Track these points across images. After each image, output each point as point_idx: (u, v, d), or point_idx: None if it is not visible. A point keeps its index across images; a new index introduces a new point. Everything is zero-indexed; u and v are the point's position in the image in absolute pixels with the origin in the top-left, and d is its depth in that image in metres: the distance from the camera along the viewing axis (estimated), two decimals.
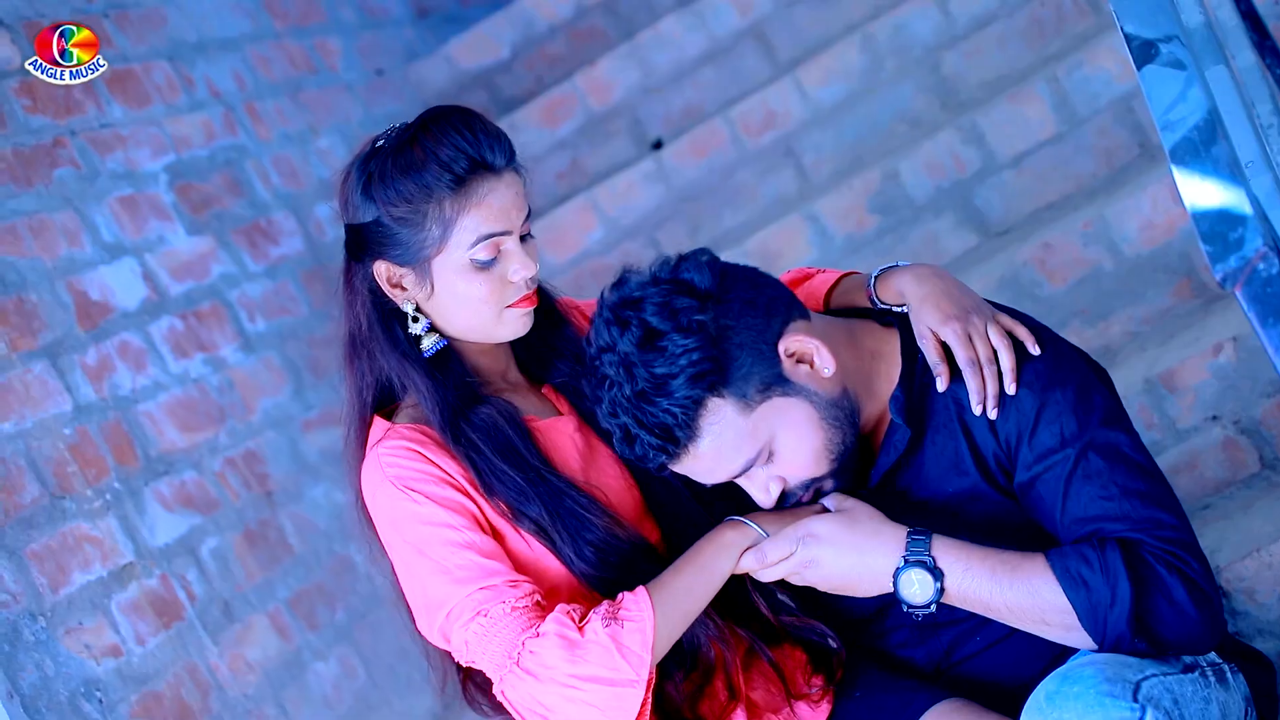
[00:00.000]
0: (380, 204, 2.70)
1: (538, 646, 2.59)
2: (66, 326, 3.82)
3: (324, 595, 4.35)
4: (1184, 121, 2.47)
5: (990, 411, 2.65)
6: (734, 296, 2.63)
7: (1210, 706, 2.57)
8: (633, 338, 2.58)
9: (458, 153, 2.67)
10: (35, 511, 3.51)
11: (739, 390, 2.59)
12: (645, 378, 2.56)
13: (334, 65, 5.61)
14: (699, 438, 2.59)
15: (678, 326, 2.56)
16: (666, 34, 5.55)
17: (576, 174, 5.57)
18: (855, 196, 4.69)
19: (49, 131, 4.04)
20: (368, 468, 2.76)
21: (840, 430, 2.67)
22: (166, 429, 4.02)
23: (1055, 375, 2.65)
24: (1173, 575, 2.53)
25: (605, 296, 2.66)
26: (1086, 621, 2.54)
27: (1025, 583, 2.57)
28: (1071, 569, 2.54)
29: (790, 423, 2.63)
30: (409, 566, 2.71)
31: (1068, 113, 4.47)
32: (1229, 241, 2.41)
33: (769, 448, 2.64)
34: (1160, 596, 2.52)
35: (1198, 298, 3.97)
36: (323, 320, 4.80)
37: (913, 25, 5.02)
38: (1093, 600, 2.53)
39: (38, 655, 3.37)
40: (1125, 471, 2.60)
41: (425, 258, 2.72)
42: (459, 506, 2.69)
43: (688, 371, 2.55)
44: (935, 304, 2.73)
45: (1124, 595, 2.51)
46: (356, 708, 4.29)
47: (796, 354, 2.64)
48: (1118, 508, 2.58)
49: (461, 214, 2.69)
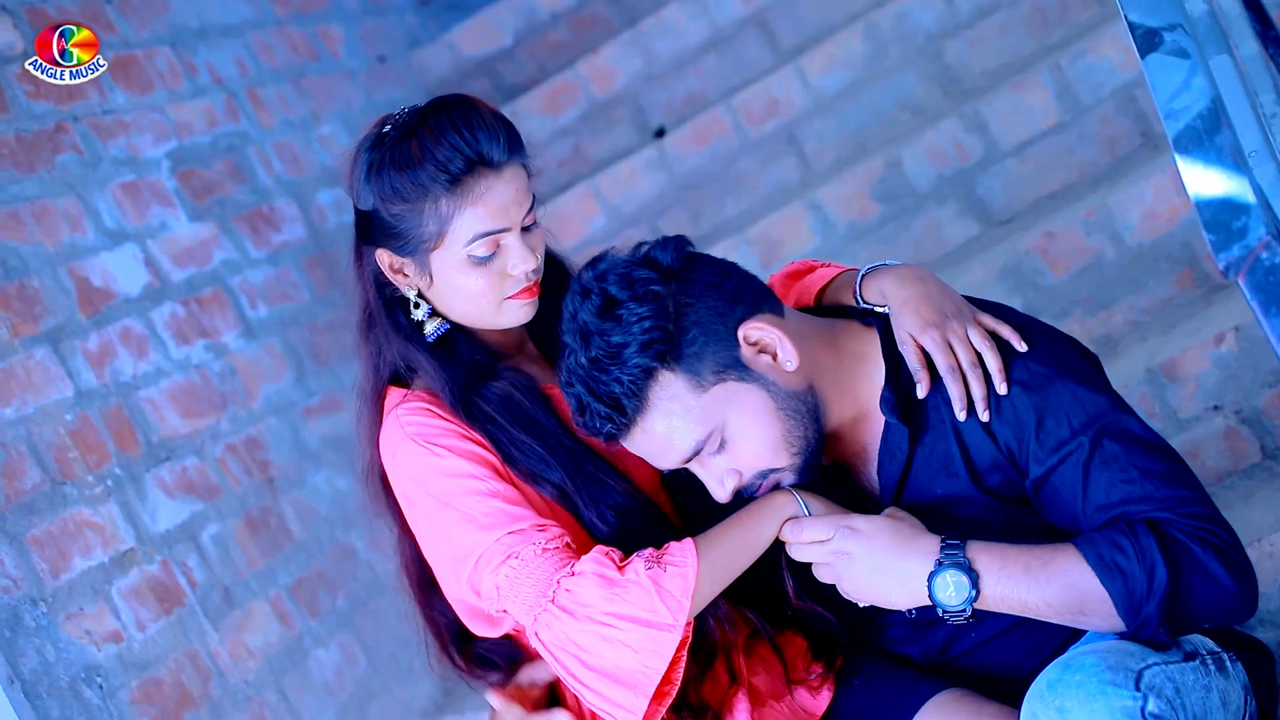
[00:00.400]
0: (378, 198, 2.70)
1: (574, 585, 2.59)
2: (68, 312, 3.82)
3: (325, 582, 4.35)
4: (1187, 110, 2.47)
5: (982, 414, 2.64)
6: (698, 277, 2.64)
7: (1211, 695, 2.57)
8: (592, 306, 2.60)
9: (454, 152, 2.66)
10: (36, 497, 3.51)
11: (691, 367, 2.60)
12: (600, 346, 2.59)
13: (336, 52, 5.61)
14: (648, 410, 2.60)
15: (634, 296, 2.58)
16: (669, 22, 5.55)
17: (579, 161, 5.57)
18: (858, 185, 4.69)
19: (51, 117, 4.04)
20: (387, 429, 2.76)
21: (800, 423, 2.66)
22: (168, 415, 4.02)
23: (1052, 369, 2.64)
24: (1206, 550, 2.51)
25: (579, 271, 2.68)
26: (1124, 610, 2.51)
27: (1061, 576, 2.54)
28: (1106, 556, 2.52)
29: (744, 408, 2.64)
30: (433, 521, 2.71)
31: (1070, 101, 4.46)
32: (1232, 230, 2.41)
33: (721, 433, 2.64)
34: (1196, 574, 2.50)
35: (1200, 287, 3.97)
36: (325, 307, 4.80)
37: (915, 13, 5.02)
38: (1129, 586, 2.50)
39: (38, 641, 3.37)
40: (1141, 453, 2.59)
41: (423, 251, 2.72)
42: (480, 458, 2.70)
43: (639, 339, 2.57)
44: (915, 309, 2.72)
45: (1160, 578, 2.49)
46: (357, 694, 4.29)
47: (758, 343, 2.64)
48: (1140, 489, 2.56)
49: (457, 213, 2.68)
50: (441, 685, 4.53)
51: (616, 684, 2.59)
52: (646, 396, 2.60)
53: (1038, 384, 2.63)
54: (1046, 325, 2.75)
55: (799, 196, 4.78)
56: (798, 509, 2.68)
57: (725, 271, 2.68)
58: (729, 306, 2.64)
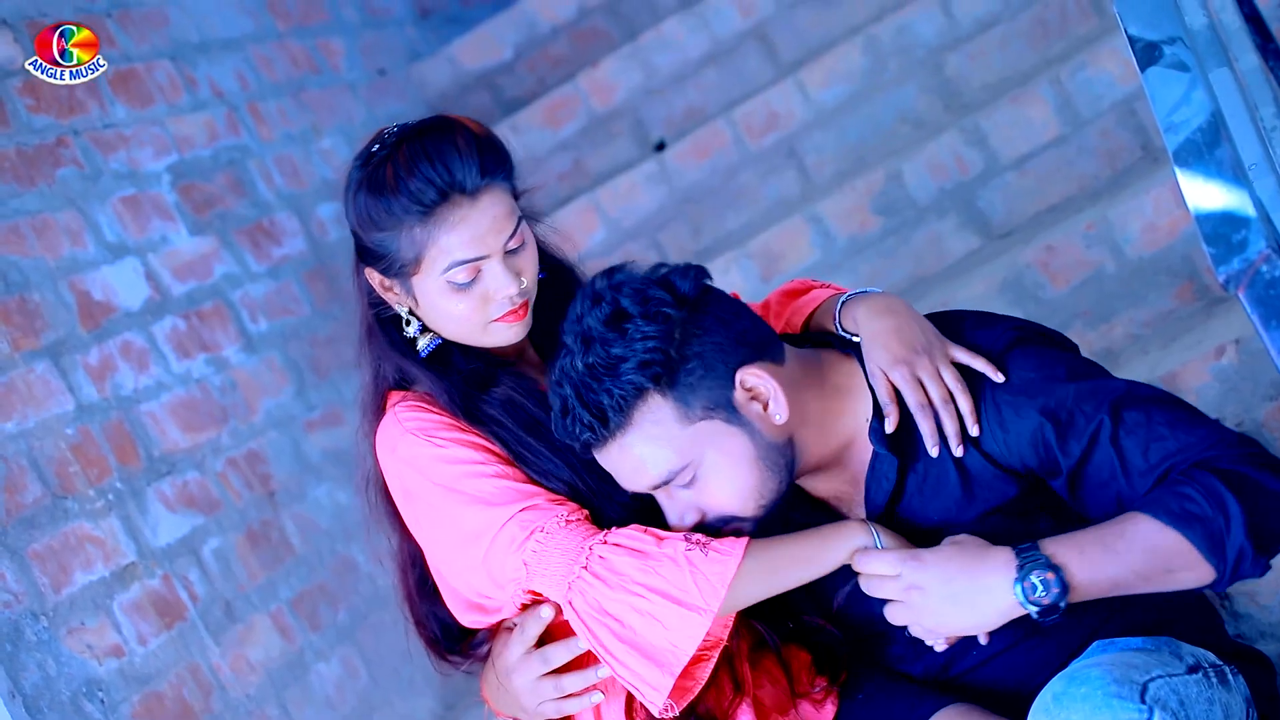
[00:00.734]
0: (362, 220, 2.70)
1: (608, 552, 2.59)
2: (69, 326, 3.82)
3: (326, 595, 4.35)
4: (1187, 123, 2.47)
5: (955, 450, 2.65)
6: (710, 311, 2.64)
7: (1214, 708, 2.57)
8: (601, 314, 2.59)
9: (426, 184, 2.64)
10: (37, 511, 3.51)
11: (683, 397, 2.59)
12: (599, 354, 2.58)
13: (336, 65, 5.61)
14: (630, 429, 2.59)
15: (645, 313, 2.58)
16: (669, 35, 5.55)
17: (579, 175, 5.57)
18: (858, 198, 4.69)
19: (52, 131, 4.04)
20: (385, 428, 2.76)
21: (775, 476, 2.66)
22: (169, 429, 4.02)
23: (1045, 372, 2.65)
24: (1259, 470, 2.51)
25: (594, 278, 2.67)
26: (1211, 554, 2.48)
27: (1141, 541, 2.50)
28: (1176, 508, 2.49)
29: (725, 450, 2.63)
30: (438, 510, 2.70)
31: (1071, 114, 4.47)
32: (1232, 244, 2.41)
33: (695, 469, 2.62)
34: (1261, 494, 2.49)
35: (1200, 300, 3.97)
36: (325, 320, 4.80)
37: (916, 26, 5.02)
38: (1209, 529, 2.47)
39: (40, 655, 3.37)
40: (1159, 410, 2.59)
41: (404, 275, 2.72)
42: (481, 447, 2.70)
43: (640, 357, 2.56)
44: (884, 344, 2.71)
45: (1235, 512, 2.47)
46: (359, 708, 4.29)
47: (753, 390, 2.63)
48: (1175, 442, 2.56)
49: (432, 242, 2.67)
50: (442, 699, 4.53)
51: (645, 659, 2.58)
52: (632, 415, 2.59)
53: (1036, 390, 2.63)
54: (1023, 329, 2.75)
55: (799, 210, 4.79)
56: (870, 540, 2.64)
57: (737, 313, 2.67)
58: (734, 347, 2.63)
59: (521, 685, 2.74)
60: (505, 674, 2.75)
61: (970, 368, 2.68)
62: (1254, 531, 2.47)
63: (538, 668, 2.72)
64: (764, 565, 2.62)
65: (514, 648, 2.74)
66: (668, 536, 2.61)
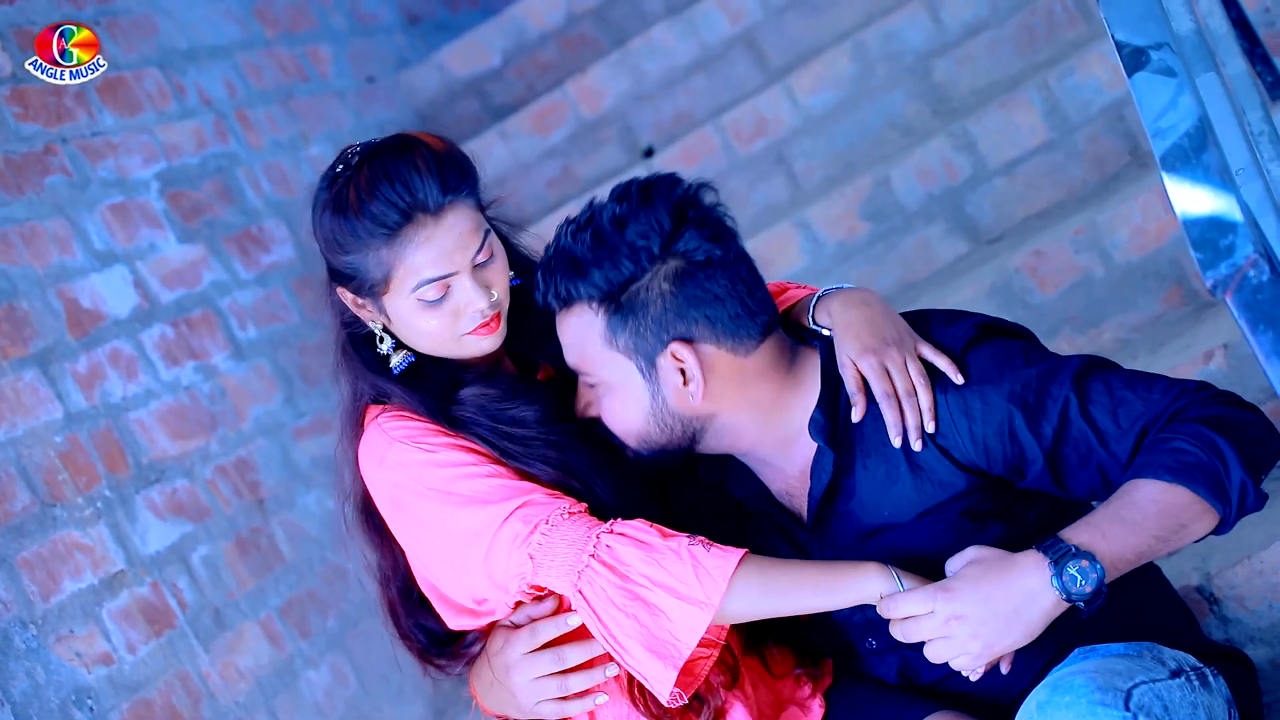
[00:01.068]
0: (328, 243, 2.71)
1: (614, 542, 2.60)
2: (57, 334, 3.82)
3: (316, 603, 4.35)
4: (1175, 129, 2.47)
5: (914, 443, 2.66)
6: (694, 280, 2.67)
7: (1198, 711, 2.57)
8: (609, 212, 2.67)
9: (388, 206, 2.63)
10: (26, 519, 3.51)
11: (614, 326, 2.67)
12: (580, 245, 2.67)
13: (325, 73, 5.61)
14: (568, 315, 2.70)
15: (633, 246, 2.65)
16: (658, 42, 5.55)
17: (568, 181, 5.57)
18: (846, 204, 4.69)
19: (40, 139, 4.04)
20: (369, 440, 2.75)
21: (665, 435, 2.73)
22: (157, 437, 4.01)
23: (1006, 360, 2.67)
24: (1230, 407, 2.55)
25: (653, 176, 2.73)
26: (1215, 499, 2.50)
27: (1151, 506, 2.51)
28: (1173, 463, 2.50)
29: (624, 389, 2.71)
30: (433, 517, 2.69)
31: (1059, 120, 4.47)
32: (1220, 248, 2.41)
33: (599, 383, 2.72)
34: (1244, 429, 2.53)
35: (1188, 305, 3.98)
36: (314, 328, 4.79)
37: (904, 33, 5.03)
38: (1210, 474, 2.49)
39: (29, 663, 3.36)
40: (1114, 376, 2.63)
41: (375, 294, 2.72)
42: (469, 448, 2.70)
43: (602, 274, 2.65)
44: (856, 334, 2.73)
45: (1228, 450, 2.49)
46: (348, 716, 4.28)
47: (681, 365, 2.68)
48: (1141, 403, 2.59)
49: (398, 263, 2.67)
50: (431, 705, 4.52)
51: (648, 651, 2.59)
52: (572, 307, 2.69)
53: (1001, 379, 2.65)
54: (983, 325, 2.76)
55: (788, 216, 4.79)
56: (891, 584, 2.59)
57: (722, 296, 2.68)
58: (689, 319, 2.68)
59: (521, 683, 2.73)
60: (504, 671, 2.75)
61: (934, 365, 2.70)
62: (1248, 463, 2.50)
63: (547, 666, 2.72)
64: (767, 577, 2.61)
65: (518, 645, 2.74)
66: (672, 533, 2.62)
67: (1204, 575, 3.19)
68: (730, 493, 2.86)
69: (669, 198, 2.68)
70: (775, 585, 2.62)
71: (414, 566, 2.81)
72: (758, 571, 2.60)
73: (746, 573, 2.59)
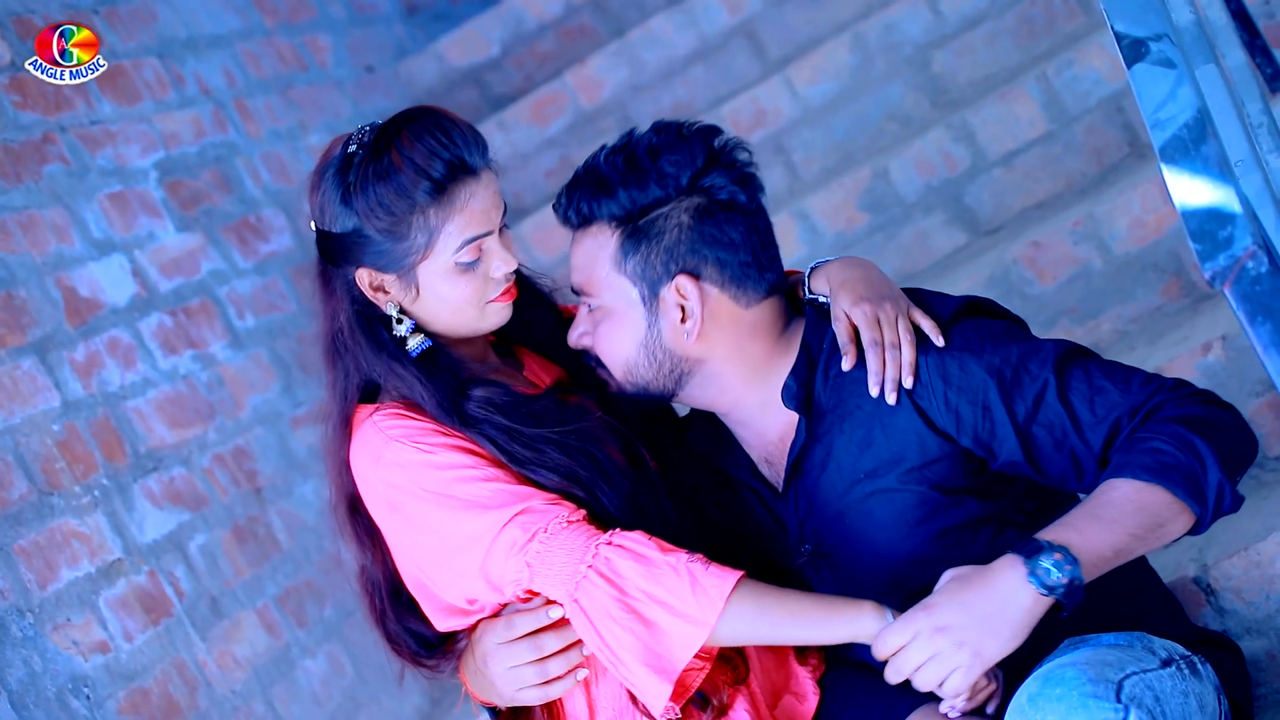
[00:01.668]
0: (363, 216, 2.69)
1: (613, 554, 2.60)
2: (55, 322, 3.81)
3: (313, 592, 4.35)
4: (1174, 120, 2.47)
5: (889, 397, 2.69)
6: (714, 222, 2.74)
7: (1189, 700, 2.57)
8: (646, 141, 2.75)
9: (436, 159, 2.66)
10: (23, 508, 3.51)
11: (626, 249, 2.75)
12: (612, 168, 2.75)
13: (324, 62, 5.61)
14: (584, 233, 2.79)
15: (663, 174, 2.72)
16: (656, 32, 5.55)
17: (566, 172, 5.52)
18: (845, 194, 4.69)
19: (39, 127, 4.04)
20: (365, 438, 2.74)
21: (653, 371, 2.78)
22: (155, 425, 4.01)
23: (989, 333, 2.71)
24: (1207, 406, 2.57)
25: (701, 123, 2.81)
26: (1193, 499, 2.51)
27: (1128, 504, 2.52)
28: (1150, 463, 2.52)
29: (623, 315, 2.77)
30: (430, 520, 2.68)
31: (1057, 111, 4.47)
32: (1218, 240, 2.41)
33: (600, 307, 2.78)
34: (1220, 430, 2.54)
35: (1187, 296, 3.97)
36: (312, 317, 4.77)
37: (903, 24, 5.02)
38: (1187, 475, 2.50)
39: (25, 652, 3.36)
40: (1095, 366, 2.66)
41: (410, 265, 2.72)
42: (469, 450, 2.69)
43: (626, 196, 2.73)
44: (851, 287, 2.79)
45: (1205, 450, 2.51)
46: (345, 705, 4.28)
47: (681, 299, 2.75)
48: (1118, 394, 2.61)
49: (446, 221, 2.69)
50: (429, 695, 4.52)
51: (643, 665, 2.59)
52: (589, 226, 2.77)
53: (982, 349, 2.68)
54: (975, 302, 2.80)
55: (786, 206, 4.79)
56: (881, 624, 2.58)
57: (737, 244, 2.76)
58: (700, 258, 2.74)
59: (499, 671, 2.73)
60: (483, 660, 2.75)
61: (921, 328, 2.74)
62: (1225, 465, 2.52)
63: (524, 655, 2.72)
64: (762, 605, 2.61)
65: (494, 635, 2.73)
66: (671, 548, 2.62)
67: (1201, 566, 3.19)
68: (719, 465, 2.89)
69: (706, 139, 2.76)
70: (769, 614, 2.63)
71: (403, 567, 2.80)
72: (753, 598, 2.61)
73: (742, 597, 2.59)
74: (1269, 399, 3.51)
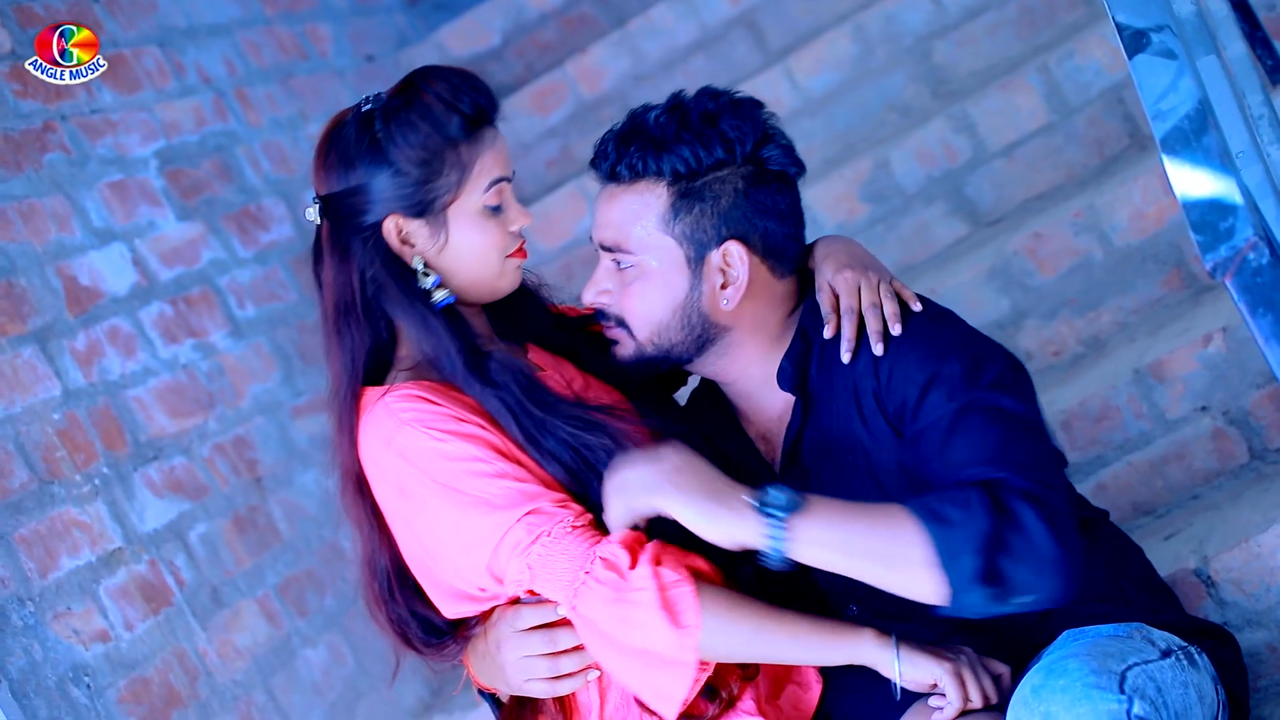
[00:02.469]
0: (395, 156, 2.70)
1: (609, 554, 2.59)
2: (56, 311, 3.81)
3: (313, 582, 4.35)
4: (1175, 111, 2.47)
5: (875, 348, 2.71)
6: (765, 191, 2.77)
7: (1188, 690, 2.58)
8: (704, 104, 2.80)
9: (464, 96, 2.72)
10: (24, 496, 3.51)
11: (678, 208, 2.74)
12: (669, 125, 2.76)
13: (325, 51, 5.61)
14: (629, 188, 2.77)
15: (725, 138, 2.75)
16: (657, 22, 5.55)
17: (567, 161, 5.57)
18: (846, 185, 4.69)
19: (39, 116, 4.03)
20: (378, 419, 2.72)
21: (682, 335, 2.79)
22: (156, 414, 4.01)
23: (948, 346, 2.68)
24: (1033, 511, 2.46)
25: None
26: (943, 557, 2.46)
27: (885, 521, 2.51)
28: (932, 505, 2.49)
29: (661, 275, 2.77)
30: (440, 512, 2.67)
31: (1059, 102, 4.47)
32: (1219, 231, 2.42)
33: (634, 265, 2.77)
34: (1015, 532, 2.45)
35: (1188, 288, 3.98)
36: (313, 306, 4.76)
37: (904, 14, 5.02)
38: (949, 535, 2.46)
39: (26, 640, 3.36)
40: (1005, 426, 2.58)
41: (441, 205, 2.73)
42: (481, 440, 2.68)
43: (682, 153, 2.74)
44: (836, 258, 2.84)
45: (980, 525, 2.45)
46: (346, 694, 4.29)
47: (725, 264, 2.76)
48: (985, 452, 2.55)
49: (476, 158, 2.73)
50: (430, 685, 4.52)
51: (653, 666, 2.59)
52: (638, 182, 2.77)
53: (936, 358, 2.66)
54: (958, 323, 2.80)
55: None
56: (889, 654, 2.61)
57: (783, 215, 2.80)
58: (748, 226, 2.76)
59: (511, 659, 2.73)
60: (495, 646, 2.75)
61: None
62: (989, 559, 2.45)
63: (538, 646, 2.71)
64: (761, 622, 2.62)
65: (508, 622, 2.73)
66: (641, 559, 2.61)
67: (1201, 558, 3.19)
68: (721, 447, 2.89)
69: (757, 111, 2.82)
70: (767, 636, 2.63)
71: (409, 552, 2.78)
72: (751, 619, 2.62)
73: (739, 617, 2.60)
74: (1270, 390, 3.52)
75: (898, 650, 2.60)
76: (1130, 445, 3.66)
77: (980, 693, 2.58)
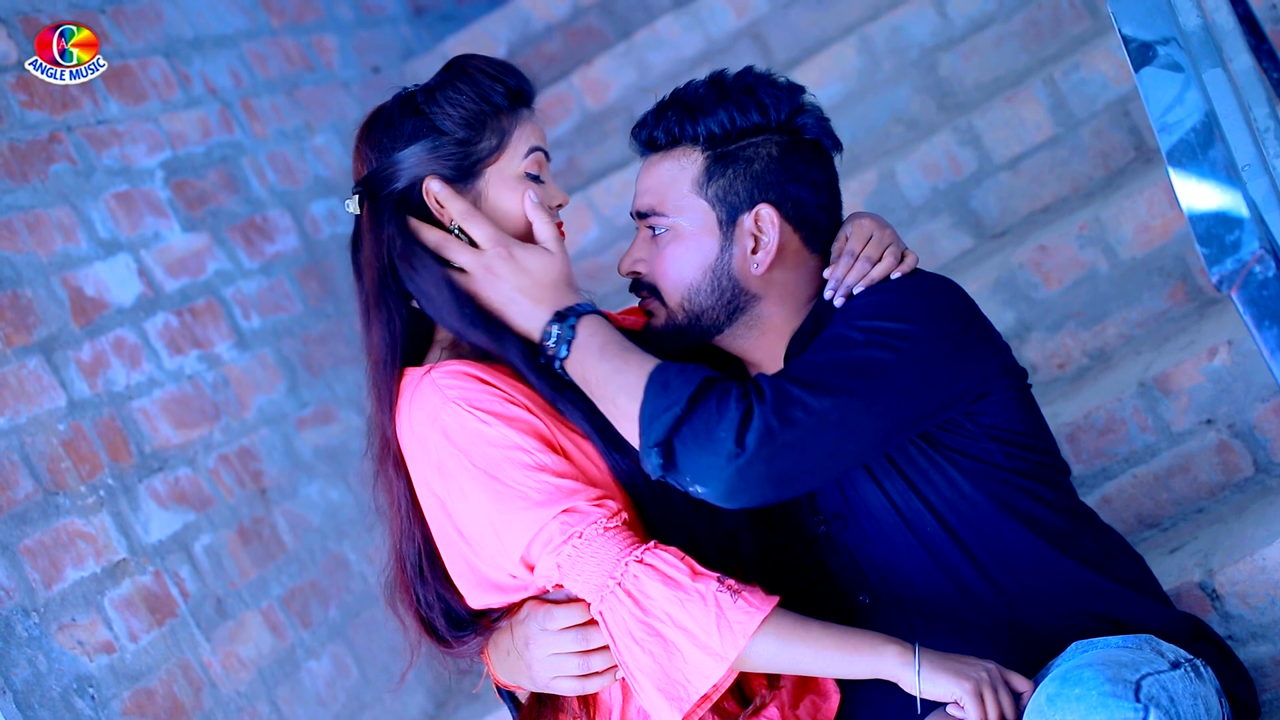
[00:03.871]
0: (441, 116, 2.77)
1: (641, 572, 2.60)
2: (61, 322, 3.82)
3: (318, 593, 4.35)
4: (1181, 124, 2.47)
5: (837, 301, 2.78)
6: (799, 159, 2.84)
7: (1198, 702, 2.59)
8: (742, 78, 2.84)
9: (506, 72, 2.80)
10: (29, 507, 3.51)
11: (712, 172, 2.81)
12: (707, 94, 2.84)
13: (330, 63, 5.61)
14: (666, 155, 2.87)
15: (762, 105, 2.82)
16: (663, 34, 5.55)
17: (572, 173, 5.57)
18: (851, 197, 4.66)
19: (45, 127, 4.04)
20: (424, 394, 2.71)
21: (714, 300, 2.83)
22: (161, 425, 4.02)
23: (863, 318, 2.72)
24: (741, 405, 2.57)
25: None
26: (644, 418, 2.59)
27: (633, 370, 2.63)
28: (670, 372, 2.61)
29: (694, 238, 2.83)
30: (474, 497, 2.67)
31: (1064, 115, 4.47)
32: (1225, 244, 2.41)
33: (669, 229, 2.83)
34: (704, 418, 2.56)
35: (1193, 301, 3.97)
36: (318, 318, 4.79)
37: (910, 27, 5.02)
38: (654, 401, 2.58)
39: (30, 651, 3.36)
40: (835, 354, 2.66)
41: (481, 167, 2.78)
42: (528, 427, 2.69)
43: (719, 119, 2.80)
44: (859, 217, 2.91)
45: (677, 402, 2.56)
46: (349, 706, 4.29)
47: (757, 227, 2.82)
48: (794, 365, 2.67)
49: (515, 126, 2.80)
50: (433, 696, 4.52)
51: (657, 690, 2.60)
52: (674, 148, 2.85)
53: (843, 323, 2.72)
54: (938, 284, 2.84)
55: None
56: (910, 665, 2.61)
57: (817, 187, 2.87)
58: (780, 192, 2.82)
59: (540, 656, 2.72)
60: (523, 642, 2.74)
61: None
62: (670, 433, 2.56)
63: (569, 644, 2.71)
64: (786, 640, 2.62)
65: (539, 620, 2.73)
66: (703, 572, 2.62)
67: (1206, 572, 3.19)
68: None
69: (796, 88, 2.88)
70: (791, 650, 2.63)
71: (442, 534, 2.77)
72: (776, 634, 2.61)
73: (766, 633, 2.60)
74: (1275, 404, 3.51)
75: (919, 666, 2.60)
76: (1135, 458, 3.66)
77: (999, 712, 2.58)
